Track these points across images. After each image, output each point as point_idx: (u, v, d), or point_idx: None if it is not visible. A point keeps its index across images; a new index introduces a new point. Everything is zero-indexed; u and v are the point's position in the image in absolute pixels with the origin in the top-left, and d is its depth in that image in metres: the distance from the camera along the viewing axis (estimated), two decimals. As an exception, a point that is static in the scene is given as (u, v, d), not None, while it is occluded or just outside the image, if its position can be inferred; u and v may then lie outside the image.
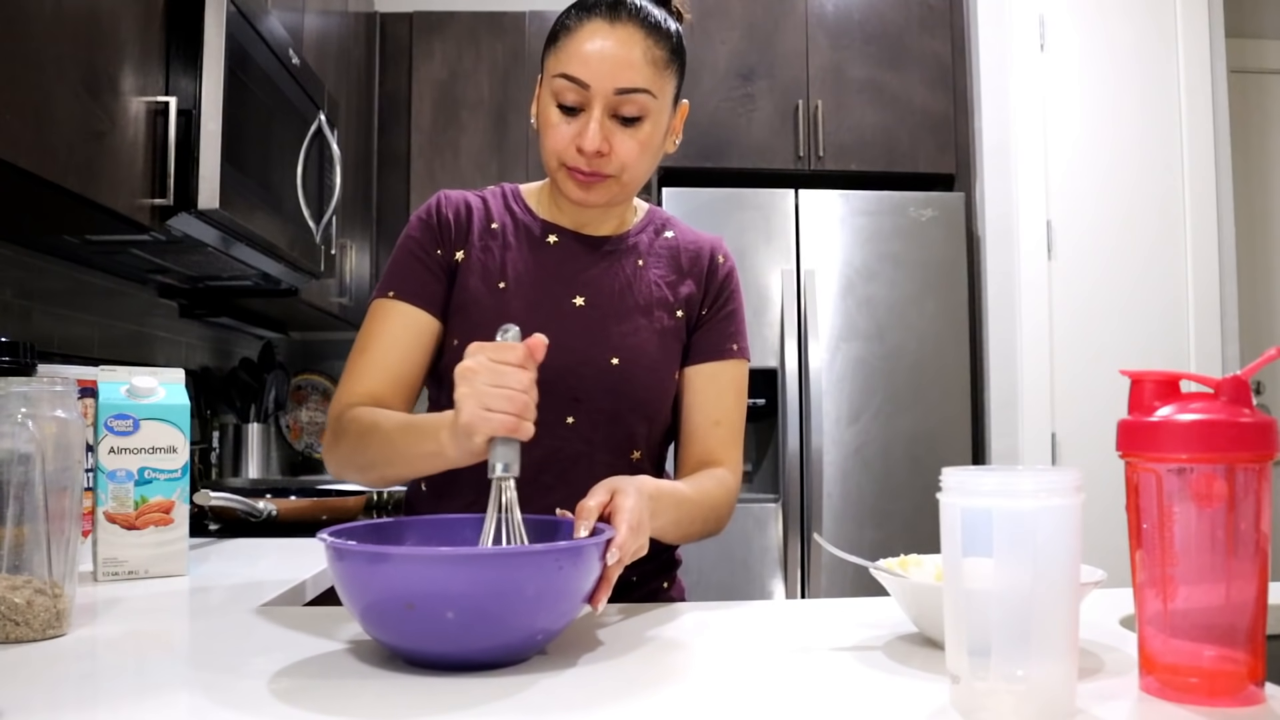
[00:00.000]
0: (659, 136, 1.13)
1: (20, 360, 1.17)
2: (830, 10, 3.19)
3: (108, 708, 0.67)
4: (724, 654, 0.83)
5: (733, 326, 1.22)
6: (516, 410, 0.85)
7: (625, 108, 1.08)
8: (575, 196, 1.13)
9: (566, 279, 1.17)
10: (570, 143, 1.08)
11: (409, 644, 0.75)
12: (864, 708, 0.68)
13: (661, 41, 1.09)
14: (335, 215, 2.34)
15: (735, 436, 1.21)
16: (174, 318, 2.47)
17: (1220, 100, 3.15)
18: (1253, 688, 0.65)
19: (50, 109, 1.26)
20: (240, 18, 1.72)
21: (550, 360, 1.11)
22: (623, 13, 1.08)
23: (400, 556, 0.74)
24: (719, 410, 1.20)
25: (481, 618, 0.72)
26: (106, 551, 1.14)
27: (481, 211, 1.21)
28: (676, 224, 1.27)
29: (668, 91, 1.11)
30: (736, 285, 1.25)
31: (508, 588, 0.72)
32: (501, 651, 0.76)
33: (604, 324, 1.16)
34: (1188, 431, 0.65)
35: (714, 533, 1.15)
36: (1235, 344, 3.10)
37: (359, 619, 0.76)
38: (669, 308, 1.19)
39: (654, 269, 1.21)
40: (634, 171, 1.12)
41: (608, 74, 1.06)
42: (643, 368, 1.15)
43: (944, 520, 0.66)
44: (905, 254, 3.04)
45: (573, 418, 1.14)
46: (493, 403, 0.84)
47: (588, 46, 1.06)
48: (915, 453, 2.98)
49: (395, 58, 3.33)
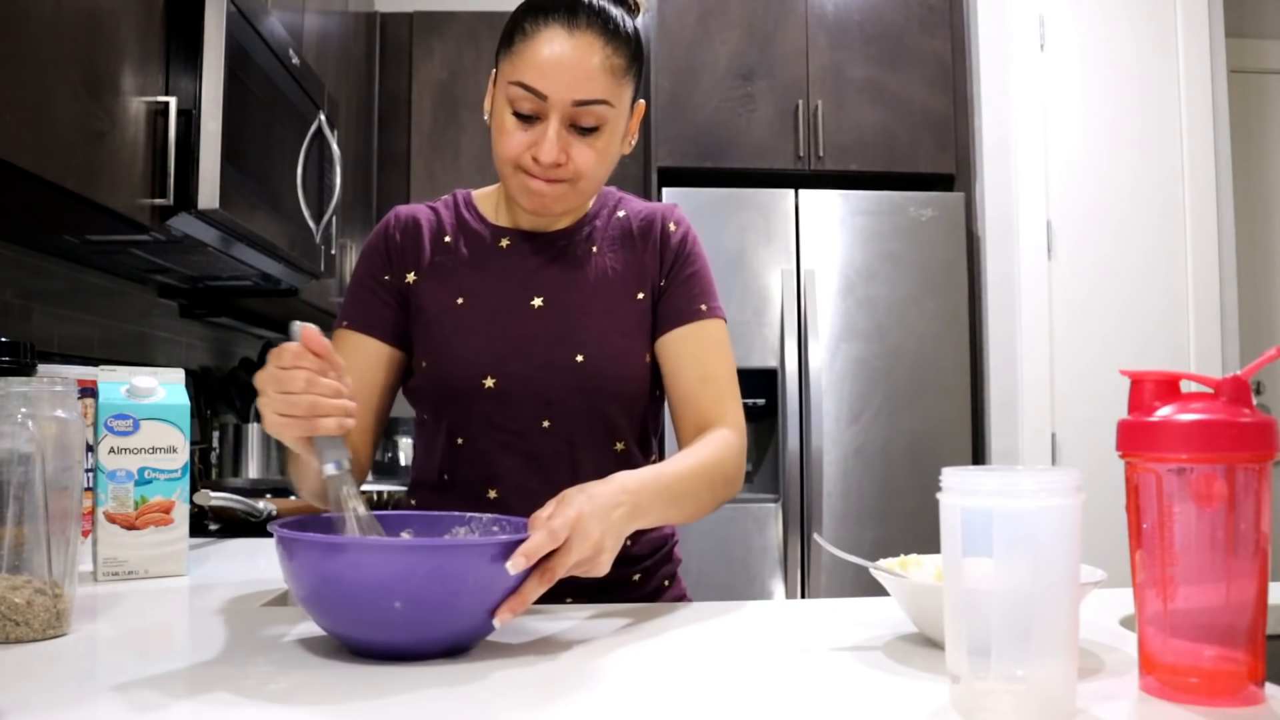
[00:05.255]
0: (616, 143, 1.12)
1: (20, 360, 1.17)
2: (830, 10, 3.19)
3: (108, 708, 0.67)
4: (724, 654, 0.83)
5: (697, 288, 1.18)
6: (303, 412, 0.84)
7: (583, 119, 1.06)
8: (530, 207, 1.11)
9: (522, 281, 1.16)
10: (525, 150, 1.07)
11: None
12: (864, 708, 0.68)
13: (621, 48, 1.07)
14: (335, 215, 2.33)
15: (726, 390, 1.16)
16: (174, 318, 2.47)
17: (1220, 100, 3.15)
18: (1253, 688, 0.65)
19: (50, 109, 1.26)
20: (240, 18, 1.72)
21: (516, 368, 1.12)
22: (581, 17, 1.05)
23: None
24: (702, 367, 1.15)
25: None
26: (106, 551, 1.14)
27: (433, 225, 1.20)
28: (629, 202, 1.24)
29: (625, 99, 1.10)
30: (693, 248, 1.20)
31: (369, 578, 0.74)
32: (426, 645, 0.78)
33: (565, 321, 1.14)
34: (1188, 431, 0.65)
35: (726, 497, 1.11)
36: (1235, 344, 3.10)
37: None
38: (629, 290, 1.17)
39: (608, 253, 1.18)
40: (590, 179, 1.10)
41: (566, 85, 1.04)
42: (609, 358, 1.13)
43: (944, 520, 0.66)
44: (905, 254, 3.03)
45: (548, 421, 1.13)
46: (281, 408, 0.84)
47: (545, 54, 1.04)
48: (915, 453, 2.98)
49: (395, 58, 3.33)
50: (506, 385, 1.12)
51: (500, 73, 1.10)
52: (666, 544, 1.23)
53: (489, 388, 1.12)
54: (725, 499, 1.12)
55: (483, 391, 1.12)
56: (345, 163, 2.51)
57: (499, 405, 1.12)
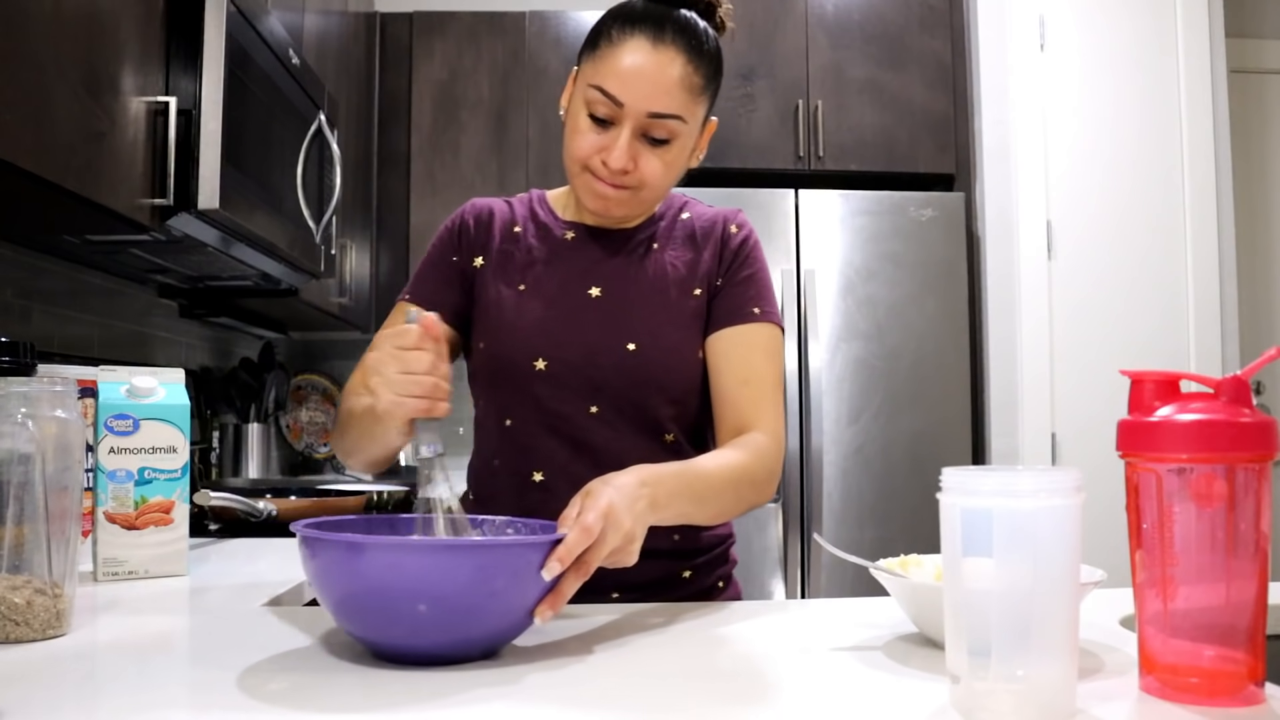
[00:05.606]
0: (684, 156, 1.14)
1: (20, 360, 1.17)
2: (830, 10, 3.19)
3: (108, 708, 0.67)
4: (723, 653, 0.83)
5: (752, 290, 1.18)
6: (425, 392, 0.86)
7: (655, 130, 1.08)
8: (594, 207, 1.14)
9: (582, 272, 1.18)
10: (595, 153, 1.09)
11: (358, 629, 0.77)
12: (864, 708, 0.68)
13: (702, 66, 1.09)
14: (335, 215, 2.33)
15: (766, 395, 1.15)
16: (174, 318, 2.47)
17: (1220, 100, 3.15)
18: (1253, 688, 0.65)
19: (50, 109, 1.26)
20: (240, 18, 1.72)
21: (568, 352, 1.14)
22: (668, 32, 1.07)
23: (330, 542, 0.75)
24: (745, 370, 1.15)
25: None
26: (106, 551, 1.14)
27: (505, 216, 1.23)
28: (695, 205, 1.26)
29: (699, 115, 1.12)
30: (753, 251, 1.21)
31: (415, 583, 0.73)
32: (453, 648, 0.76)
33: (620, 311, 1.16)
34: (1188, 431, 0.65)
35: (756, 502, 1.11)
36: (1235, 344, 3.10)
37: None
38: (686, 286, 1.18)
39: (670, 250, 1.20)
40: (653, 189, 1.12)
41: (643, 96, 1.06)
42: (661, 350, 1.15)
43: (944, 520, 0.66)
44: (905, 254, 3.03)
45: (596, 407, 1.14)
46: (402, 388, 0.86)
47: (626, 63, 1.06)
48: (915, 453, 2.98)
49: (395, 58, 3.33)
50: (557, 368, 1.14)
51: (581, 73, 1.12)
52: (722, 544, 1.23)
53: (540, 369, 1.14)
54: (754, 504, 1.11)
55: (533, 373, 1.14)
56: (345, 163, 2.51)
57: (548, 387, 1.14)
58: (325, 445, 3.38)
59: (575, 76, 1.15)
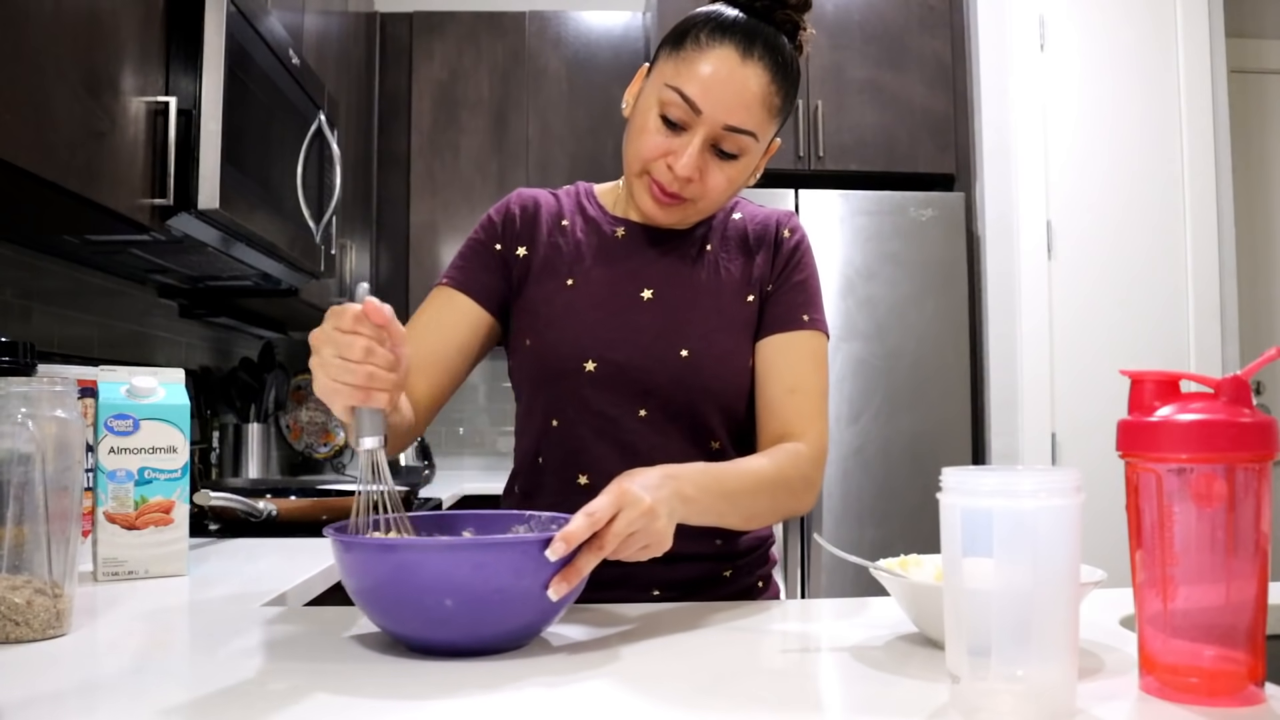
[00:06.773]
0: (747, 173, 1.12)
1: (20, 360, 1.17)
2: (830, 10, 3.19)
3: (108, 708, 0.67)
4: (723, 653, 0.83)
5: (802, 297, 1.17)
6: (359, 381, 0.80)
7: (726, 143, 1.06)
8: (648, 211, 1.11)
9: (634, 272, 1.16)
10: (661, 156, 1.07)
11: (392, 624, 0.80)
12: (864, 708, 0.68)
13: (782, 87, 1.07)
14: (335, 215, 2.34)
15: (813, 405, 1.13)
16: (174, 318, 2.47)
17: (1220, 100, 3.15)
18: (1253, 688, 0.65)
19: (50, 109, 1.26)
20: (240, 18, 1.72)
21: (618, 354, 1.12)
22: (757, 47, 1.05)
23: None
24: (793, 378, 1.13)
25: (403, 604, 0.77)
26: (106, 551, 1.14)
27: (552, 208, 1.21)
28: (746, 206, 1.24)
29: (769, 134, 1.10)
30: (805, 256, 1.19)
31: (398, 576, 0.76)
32: (477, 641, 0.79)
33: (673, 316, 1.14)
34: (1188, 431, 0.65)
35: (792, 510, 1.09)
36: (1235, 344, 3.10)
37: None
38: (739, 292, 1.16)
39: (722, 253, 1.18)
40: (711, 201, 1.10)
41: (723, 108, 1.04)
42: (713, 357, 1.13)
43: (944, 520, 0.66)
44: (905, 254, 3.03)
45: (644, 410, 1.12)
46: (337, 375, 0.81)
47: (711, 71, 1.03)
48: (915, 453, 2.98)
49: (395, 58, 3.33)
50: (607, 370, 1.12)
51: (658, 71, 1.09)
52: (763, 545, 1.22)
53: (589, 371, 1.12)
54: (790, 512, 1.09)
55: (583, 374, 1.12)
56: (345, 163, 2.51)
57: (597, 390, 1.12)
58: (325, 445, 3.38)
59: (648, 72, 1.11)
